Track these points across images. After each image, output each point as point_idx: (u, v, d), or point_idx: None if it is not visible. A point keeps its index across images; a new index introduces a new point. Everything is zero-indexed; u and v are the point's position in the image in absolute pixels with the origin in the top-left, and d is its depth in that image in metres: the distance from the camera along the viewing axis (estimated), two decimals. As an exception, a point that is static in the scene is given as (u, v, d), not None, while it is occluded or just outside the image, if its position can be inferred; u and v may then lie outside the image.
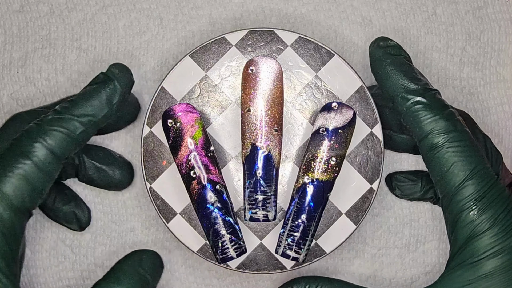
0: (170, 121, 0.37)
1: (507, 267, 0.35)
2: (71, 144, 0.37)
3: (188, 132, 0.38)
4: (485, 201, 0.35)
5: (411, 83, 0.37)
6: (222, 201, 0.38)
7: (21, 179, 0.36)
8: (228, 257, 0.38)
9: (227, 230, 0.38)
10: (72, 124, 0.37)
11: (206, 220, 0.37)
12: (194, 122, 0.38)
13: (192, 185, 0.37)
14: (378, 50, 0.39)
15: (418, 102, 0.37)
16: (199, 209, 0.38)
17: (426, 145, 0.37)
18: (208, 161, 0.38)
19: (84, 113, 0.37)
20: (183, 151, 0.37)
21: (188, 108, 0.38)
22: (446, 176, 0.36)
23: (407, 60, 0.38)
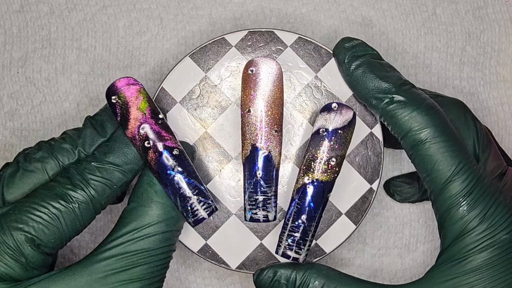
0: (114, 97, 0.36)
1: (495, 262, 0.35)
2: (110, 194, 0.36)
3: (133, 104, 0.36)
4: (472, 197, 0.35)
5: (383, 82, 0.37)
6: (182, 164, 0.36)
7: (55, 220, 0.34)
8: (200, 218, 0.37)
9: (193, 192, 0.36)
10: (114, 175, 0.36)
11: (170, 187, 0.36)
12: (137, 94, 0.37)
13: (149, 156, 0.36)
14: (343, 54, 0.39)
15: (393, 101, 0.37)
16: (161, 178, 0.36)
17: (407, 143, 0.37)
18: (160, 128, 0.36)
19: (127, 161, 0.36)
20: (132, 123, 0.36)
21: (129, 81, 0.37)
22: (432, 173, 0.36)
23: (375, 57, 0.38)
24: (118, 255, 0.35)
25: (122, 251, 0.35)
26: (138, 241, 0.35)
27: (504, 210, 0.35)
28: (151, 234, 0.35)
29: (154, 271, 0.35)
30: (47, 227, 0.34)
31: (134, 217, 0.36)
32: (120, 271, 0.35)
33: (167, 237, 0.36)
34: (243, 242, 0.40)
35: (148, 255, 0.35)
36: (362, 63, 0.38)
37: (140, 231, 0.35)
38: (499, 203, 0.35)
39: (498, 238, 0.35)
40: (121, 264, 0.35)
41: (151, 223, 0.35)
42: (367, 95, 0.38)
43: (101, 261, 0.35)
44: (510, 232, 0.35)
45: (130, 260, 0.35)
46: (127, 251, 0.35)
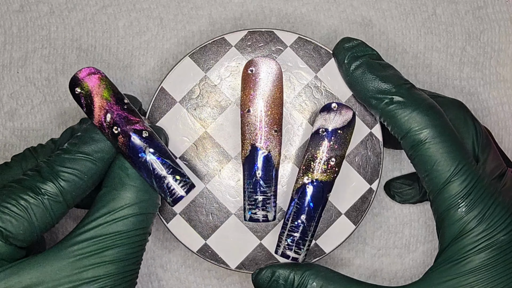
0: (77, 89, 0.36)
1: (494, 263, 0.35)
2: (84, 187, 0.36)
3: (97, 93, 0.36)
4: (471, 197, 0.35)
5: (382, 82, 0.37)
6: (153, 145, 0.36)
7: (23, 211, 0.34)
8: (178, 196, 0.37)
9: (167, 171, 0.36)
10: (85, 165, 0.36)
11: (144, 169, 0.36)
12: (99, 82, 0.37)
13: (119, 141, 0.36)
14: (342, 54, 0.39)
15: (393, 101, 0.37)
16: (134, 161, 0.36)
17: (407, 144, 0.37)
18: (126, 113, 0.37)
19: (98, 150, 0.36)
20: (97, 112, 0.36)
21: (90, 70, 0.37)
22: (431, 174, 0.36)
23: (375, 57, 0.38)
24: (90, 239, 0.35)
25: (94, 235, 0.35)
26: (110, 224, 0.35)
27: (503, 211, 0.35)
28: (124, 217, 0.35)
29: (128, 254, 0.35)
30: (16, 219, 0.34)
31: (107, 201, 0.36)
32: (92, 254, 0.35)
33: (141, 219, 0.36)
34: (242, 242, 0.40)
35: (121, 237, 0.35)
36: (362, 64, 0.38)
37: (112, 214, 0.35)
38: (497, 204, 0.35)
39: (496, 239, 0.35)
40: (93, 248, 0.35)
41: (124, 206, 0.36)
42: (366, 95, 0.38)
43: (73, 246, 0.35)
44: (508, 233, 0.35)
45: (103, 243, 0.35)
46: (100, 235, 0.35)
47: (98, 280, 0.35)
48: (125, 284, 0.36)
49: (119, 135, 0.36)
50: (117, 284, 0.35)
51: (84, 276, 0.35)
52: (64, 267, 0.34)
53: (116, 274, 0.35)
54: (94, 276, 0.35)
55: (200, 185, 0.40)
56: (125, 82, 0.45)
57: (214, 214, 0.40)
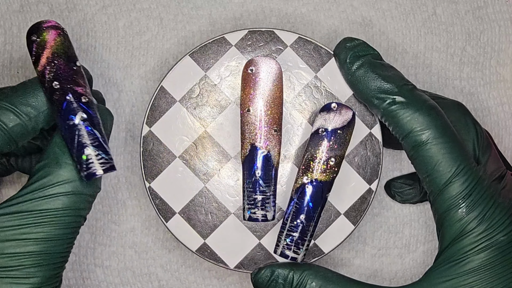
0: (33, 36, 0.35)
1: (493, 263, 0.35)
2: (3, 137, 0.34)
3: (50, 46, 0.35)
4: (472, 198, 0.35)
5: (384, 82, 0.37)
6: (88, 114, 0.34)
7: None
8: (93, 172, 0.34)
9: (92, 142, 0.34)
10: (5, 114, 0.34)
11: (68, 132, 0.34)
12: (56, 36, 0.35)
13: (55, 96, 0.34)
14: (344, 53, 0.39)
15: (395, 102, 0.37)
16: (62, 123, 0.34)
17: (408, 144, 0.37)
18: (72, 73, 0.35)
19: (24, 102, 0.34)
20: (44, 60, 0.35)
21: (53, 24, 0.36)
22: (432, 174, 0.36)
23: (376, 57, 0.38)
24: (14, 213, 0.33)
25: (20, 209, 0.33)
26: (39, 201, 0.33)
27: (502, 212, 0.35)
28: (55, 195, 0.33)
29: (55, 234, 0.33)
30: None
31: (39, 176, 0.34)
32: (14, 229, 0.33)
33: (73, 200, 0.34)
34: (241, 241, 0.40)
35: (48, 216, 0.33)
36: (364, 63, 0.38)
37: (43, 190, 0.33)
38: (497, 205, 0.35)
39: (496, 240, 0.35)
40: (16, 223, 0.33)
41: (56, 184, 0.34)
42: (368, 95, 0.38)
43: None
44: (507, 234, 0.35)
45: (28, 219, 0.33)
46: (25, 210, 0.33)
47: (17, 257, 0.33)
48: (48, 267, 0.34)
49: (57, 91, 0.34)
50: (38, 264, 0.33)
51: (3, 251, 0.33)
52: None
53: (38, 254, 0.33)
54: (12, 252, 0.33)
55: (200, 184, 0.40)
56: (125, 82, 0.45)
57: (213, 214, 0.40)
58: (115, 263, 0.45)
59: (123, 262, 0.45)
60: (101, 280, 0.45)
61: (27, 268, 0.33)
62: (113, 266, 0.45)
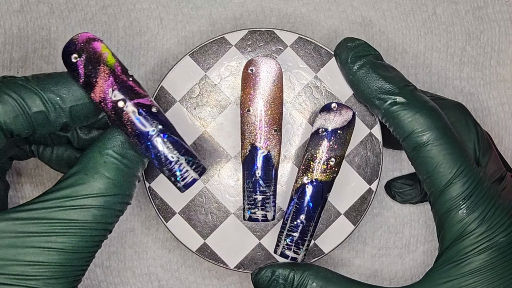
0: (74, 56, 0.32)
1: (493, 264, 0.35)
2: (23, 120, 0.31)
3: (99, 60, 0.32)
4: (472, 199, 0.35)
5: (386, 83, 0.37)
6: (162, 122, 0.32)
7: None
8: (190, 180, 0.33)
9: (179, 152, 0.32)
10: (32, 98, 0.31)
11: (153, 149, 0.32)
12: (101, 49, 0.32)
13: (125, 118, 0.32)
14: (345, 53, 0.39)
15: (396, 102, 0.37)
16: (142, 140, 0.32)
17: (409, 145, 0.37)
18: (134, 85, 0.32)
19: (55, 91, 0.32)
20: (100, 84, 0.32)
21: (89, 36, 0.32)
22: (432, 175, 0.36)
23: (377, 57, 0.38)
24: (40, 219, 0.31)
25: (46, 216, 0.31)
26: (68, 210, 0.31)
27: (503, 214, 0.35)
28: (85, 206, 0.32)
29: (79, 247, 0.31)
30: None
31: (72, 183, 0.32)
32: (37, 235, 0.31)
33: (103, 214, 0.32)
34: (241, 241, 0.40)
35: (76, 227, 0.31)
36: (365, 63, 0.38)
37: (73, 199, 0.31)
38: (497, 206, 0.35)
39: (496, 241, 0.35)
40: (41, 229, 0.31)
41: (89, 195, 0.32)
42: (370, 95, 0.38)
43: (17, 220, 0.31)
44: (508, 235, 0.35)
45: (53, 227, 0.31)
46: (52, 218, 0.31)
47: (38, 266, 0.31)
48: (67, 280, 0.32)
49: (124, 110, 0.32)
50: (57, 276, 0.31)
51: (20, 257, 0.31)
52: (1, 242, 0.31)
53: (60, 265, 0.31)
54: (33, 260, 0.31)
55: (200, 184, 0.40)
56: (125, 82, 0.45)
57: (213, 214, 0.40)
58: (115, 263, 0.45)
59: (123, 262, 0.45)
60: (101, 280, 0.45)
61: (47, 279, 0.31)
62: (113, 266, 0.45)
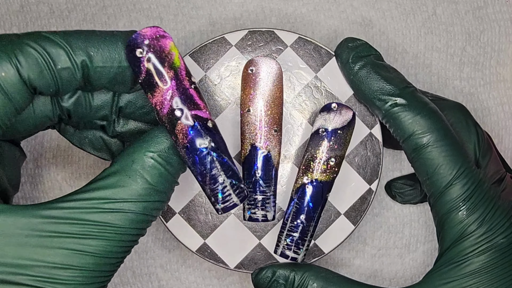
0: (139, 50, 0.29)
1: (493, 265, 0.35)
2: (48, 76, 0.29)
3: (165, 61, 0.29)
4: (472, 201, 0.35)
5: (387, 84, 0.37)
6: (215, 140, 0.30)
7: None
8: (230, 205, 0.31)
9: (226, 173, 0.30)
10: (57, 52, 0.28)
11: (200, 166, 0.30)
12: (169, 48, 0.30)
13: (178, 127, 0.30)
14: (346, 53, 0.39)
15: (397, 104, 0.37)
16: (190, 154, 0.30)
17: (409, 146, 0.37)
18: (194, 94, 0.30)
19: (83, 47, 0.29)
20: (161, 86, 0.29)
21: (159, 32, 0.30)
22: (433, 177, 0.36)
23: (378, 58, 0.38)
24: (75, 219, 0.29)
25: (82, 217, 0.29)
26: (106, 212, 0.29)
27: (502, 215, 0.35)
28: (123, 211, 0.30)
29: (112, 252, 0.30)
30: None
31: (112, 184, 0.30)
32: (70, 237, 0.29)
33: (140, 219, 0.30)
34: (241, 241, 0.40)
35: (112, 231, 0.29)
36: (367, 63, 0.38)
37: (112, 202, 0.29)
38: (497, 207, 0.36)
39: (495, 242, 0.35)
40: (75, 230, 0.29)
41: (128, 199, 0.30)
42: (371, 95, 0.38)
43: (48, 218, 0.29)
44: (507, 236, 0.35)
45: (88, 229, 0.29)
46: (88, 219, 0.29)
47: (68, 269, 0.29)
48: (96, 285, 0.30)
49: (180, 119, 0.30)
50: (87, 282, 0.29)
51: (49, 259, 0.28)
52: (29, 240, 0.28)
53: (91, 270, 0.29)
54: (65, 263, 0.29)
55: None
56: (125, 82, 0.45)
57: (213, 214, 0.40)
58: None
59: (123, 262, 0.45)
60: (101, 280, 0.45)
61: (77, 285, 0.29)
62: (113, 266, 0.45)
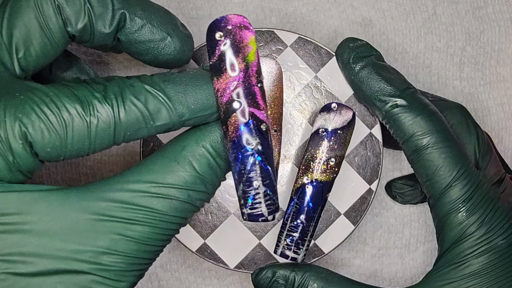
0: (219, 33, 0.29)
1: (493, 266, 0.35)
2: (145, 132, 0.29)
3: (240, 51, 0.29)
4: (472, 202, 0.35)
5: (387, 84, 0.37)
6: (264, 144, 0.29)
7: (61, 126, 0.27)
8: (257, 213, 0.30)
9: (263, 181, 0.30)
10: (159, 110, 0.28)
11: (240, 164, 0.29)
12: (248, 41, 0.29)
13: (232, 119, 0.29)
14: (347, 54, 0.39)
15: (397, 105, 0.37)
16: (235, 149, 0.29)
17: (409, 148, 0.37)
18: (258, 93, 0.29)
19: (184, 101, 0.29)
20: (229, 73, 0.29)
21: (244, 22, 0.29)
22: (432, 178, 0.36)
23: (379, 58, 0.38)
24: (124, 203, 0.28)
25: (130, 200, 0.28)
26: (152, 197, 0.28)
27: (502, 216, 0.35)
28: (169, 197, 0.28)
29: (154, 239, 0.29)
30: (49, 131, 0.26)
31: (160, 168, 0.29)
32: (119, 221, 0.28)
33: (184, 207, 0.29)
34: (241, 241, 0.40)
35: (156, 217, 0.28)
36: (368, 64, 0.38)
37: (159, 187, 0.28)
38: (497, 209, 0.36)
39: (495, 243, 0.35)
40: (124, 215, 0.28)
41: (175, 185, 0.29)
42: (371, 96, 0.38)
43: (102, 201, 0.28)
44: (507, 238, 0.35)
45: (135, 214, 0.28)
46: (136, 203, 0.28)
47: (113, 254, 0.28)
48: (137, 273, 0.29)
49: (235, 112, 0.29)
50: (129, 268, 0.29)
51: (99, 243, 0.27)
52: (80, 222, 0.27)
53: (134, 257, 0.28)
54: (111, 248, 0.28)
55: None
56: (125, 82, 0.45)
57: (213, 214, 0.40)
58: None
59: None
60: (101, 280, 0.45)
61: (120, 271, 0.28)
62: (113, 266, 0.45)
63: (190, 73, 0.29)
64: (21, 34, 0.28)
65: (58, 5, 0.28)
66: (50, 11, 0.28)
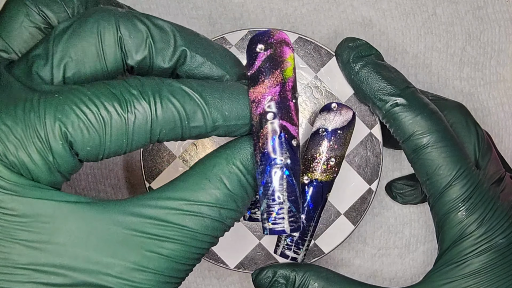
0: (261, 46, 0.29)
1: (493, 265, 0.35)
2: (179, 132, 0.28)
3: (279, 65, 0.29)
4: (472, 201, 0.35)
5: (388, 84, 0.37)
6: (294, 160, 0.29)
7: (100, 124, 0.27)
8: (278, 229, 0.29)
9: (289, 196, 0.29)
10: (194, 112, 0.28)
11: (267, 176, 0.29)
12: (287, 57, 0.29)
13: (263, 131, 0.28)
14: (347, 53, 0.39)
15: (397, 104, 0.37)
16: (263, 161, 0.29)
17: (409, 147, 0.37)
18: (292, 107, 0.29)
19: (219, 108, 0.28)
20: (266, 85, 0.29)
21: (286, 39, 0.29)
22: (432, 177, 0.36)
23: (379, 58, 0.38)
24: (156, 219, 0.27)
25: (163, 217, 0.27)
26: (184, 215, 0.28)
27: (502, 215, 0.35)
28: (201, 214, 0.28)
29: (185, 257, 0.28)
30: (89, 130, 0.26)
31: (192, 185, 0.28)
32: (150, 238, 0.27)
33: (215, 226, 0.29)
34: (241, 241, 0.40)
35: (187, 235, 0.28)
36: (367, 63, 0.38)
37: (191, 204, 0.28)
38: (496, 208, 0.36)
39: (495, 242, 0.35)
40: (155, 231, 0.27)
41: (207, 203, 0.28)
42: (372, 95, 0.38)
43: (134, 216, 0.27)
44: (506, 236, 0.35)
45: (166, 231, 0.27)
46: (168, 220, 0.27)
47: (144, 271, 0.27)
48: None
49: (267, 123, 0.29)
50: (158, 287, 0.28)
51: (131, 258, 0.27)
52: (113, 236, 0.27)
53: (165, 275, 0.28)
54: (142, 264, 0.27)
55: None
56: (125, 82, 0.45)
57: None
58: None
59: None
60: (101, 280, 0.45)
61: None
62: (113, 266, 0.45)
63: (227, 83, 0.29)
64: (76, 55, 0.28)
65: (121, 36, 0.28)
66: (111, 41, 0.28)
